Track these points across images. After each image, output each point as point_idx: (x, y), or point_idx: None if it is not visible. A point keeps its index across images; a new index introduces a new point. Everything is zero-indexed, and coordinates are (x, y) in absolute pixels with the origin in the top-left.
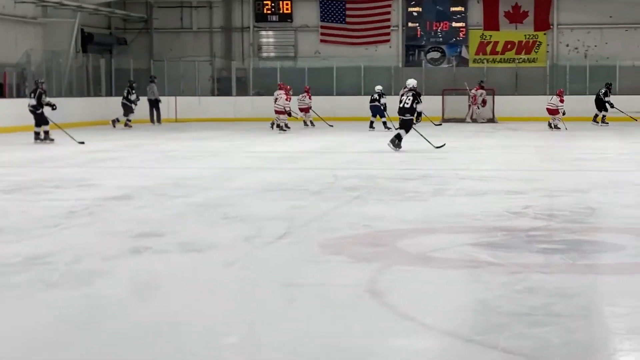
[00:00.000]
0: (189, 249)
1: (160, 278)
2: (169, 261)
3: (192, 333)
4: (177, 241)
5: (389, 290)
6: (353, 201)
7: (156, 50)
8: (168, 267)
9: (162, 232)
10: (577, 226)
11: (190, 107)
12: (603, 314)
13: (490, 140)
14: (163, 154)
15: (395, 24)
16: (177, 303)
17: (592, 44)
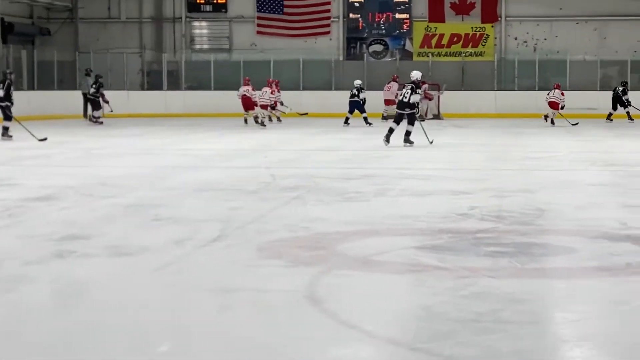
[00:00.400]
0: (118, 252)
1: (86, 284)
2: (95, 266)
3: (121, 342)
4: (104, 244)
5: (329, 296)
6: (291, 202)
7: (82, 41)
8: (95, 272)
9: (89, 234)
10: (526, 228)
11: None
12: (553, 320)
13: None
14: (89, 152)
15: (335, 15)
16: (104, 310)
17: (541, 37)
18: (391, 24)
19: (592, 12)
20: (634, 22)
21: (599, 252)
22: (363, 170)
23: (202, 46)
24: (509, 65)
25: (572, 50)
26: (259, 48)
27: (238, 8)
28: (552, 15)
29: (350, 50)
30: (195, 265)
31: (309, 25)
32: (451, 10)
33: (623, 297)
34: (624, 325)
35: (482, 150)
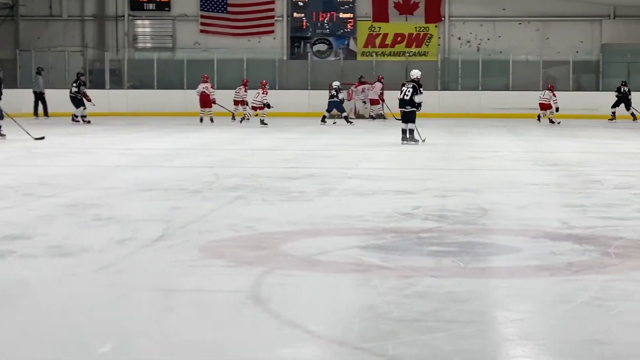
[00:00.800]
0: (58, 252)
1: (27, 284)
2: (36, 266)
3: (62, 344)
4: (44, 245)
5: (273, 296)
6: (235, 201)
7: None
8: (34, 273)
9: (28, 234)
10: (469, 228)
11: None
12: (496, 320)
13: (379, 137)
14: (29, 151)
15: (279, 14)
16: (45, 311)
17: (484, 37)
18: (335, 23)
19: (535, 12)
20: (576, 23)
21: (541, 251)
22: (307, 170)
23: (145, 45)
24: (453, 65)
25: (515, 51)
26: (203, 47)
27: (181, 7)
28: (495, 15)
29: (294, 50)
30: (137, 265)
31: (253, 24)
32: (395, 10)
33: (565, 296)
34: (566, 324)
35: (425, 150)
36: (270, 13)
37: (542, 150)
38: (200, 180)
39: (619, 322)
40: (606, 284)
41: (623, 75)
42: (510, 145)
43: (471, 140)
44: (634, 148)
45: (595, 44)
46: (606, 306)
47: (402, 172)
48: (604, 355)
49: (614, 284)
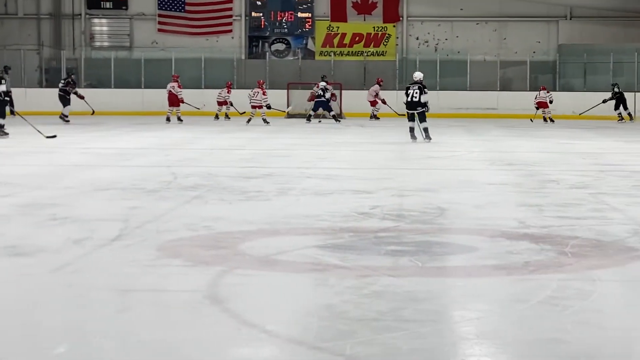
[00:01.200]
0: (14, 252)
1: None
2: None
3: (16, 344)
4: (0, 244)
5: (231, 295)
6: (192, 201)
7: None
8: None
9: None
10: (427, 227)
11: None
12: (453, 319)
13: (337, 136)
14: None
15: (237, 13)
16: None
17: (442, 37)
18: (293, 23)
19: (492, 13)
20: (533, 23)
21: (498, 250)
22: (265, 170)
23: (102, 43)
24: (411, 65)
25: (473, 51)
26: (160, 46)
27: (139, 5)
28: (452, 15)
29: (252, 49)
30: (94, 265)
31: (211, 23)
32: (353, 9)
33: (521, 295)
34: (522, 323)
35: (383, 150)
36: (228, 12)
37: (500, 150)
38: (158, 180)
39: (575, 321)
40: (562, 283)
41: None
42: (468, 145)
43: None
44: (590, 148)
45: (552, 45)
46: (562, 305)
47: (360, 172)
48: (560, 354)
49: (570, 283)
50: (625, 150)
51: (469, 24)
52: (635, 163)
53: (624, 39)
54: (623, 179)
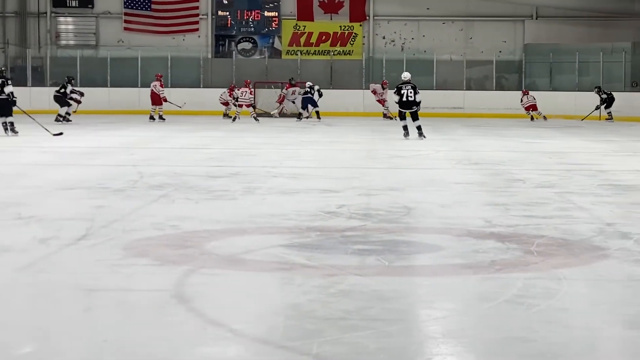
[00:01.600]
0: None
1: None
2: None
3: None
4: None
5: (197, 294)
6: (159, 200)
7: None
8: None
9: None
10: (393, 226)
11: None
12: (419, 318)
13: (304, 136)
14: None
15: (204, 12)
16: None
17: (409, 36)
18: (260, 22)
19: (459, 12)
20: (499, 23)
21: (464, 249)
22: (231, 169)
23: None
24: (377, 64)
25: (439, 50)
26: (126, 44)
27: (105, 4)
28: (419, 15)
29: (219, 48)
30: (60, 264)
31: (177, 22)
32: (320, 8)
33: (488, 294)
34: (488, 322)
35: (350, 149)
36: (194, 11)
37: (466, 149)
38: (124, 179)
39: (541, 320)
40: (528, 282)
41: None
42: (434, 144)
43: (395, 140)
44: (556, 147)
45: (517, 44)
46: (528, 304)
47: (327, 171)
48: (526, 352)
49: (536, 282)
50: (591, 149)
51: (436, 23)
52: (601, 162)
53: (589, 39)
54: (589, 178)
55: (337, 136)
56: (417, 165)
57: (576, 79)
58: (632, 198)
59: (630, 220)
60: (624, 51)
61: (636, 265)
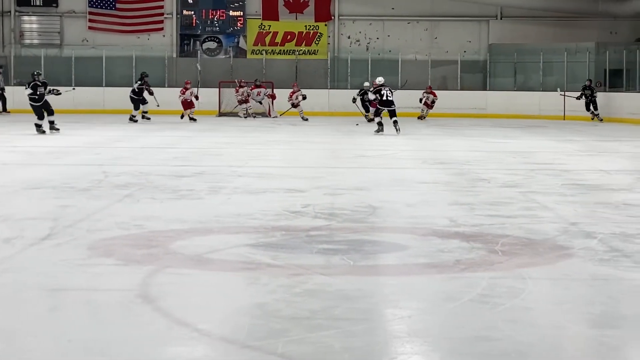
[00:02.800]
0: None
1: None
2: None
3: None
4: None
5: (163, 294)
6: (124, 199)
7: None
8: None
9: None
10: (358, 226)
11: None
12: (385, 317)
13: (269, 135)
14: None
15: (169, 11)
16: None
17: (374, 36)
18: (225, 21)
19: (424, 12)
20: (464, 23)
21: (429, 249)
22: (196, 168)
23: (32, 41)
24: (342, 64)
25: (404, 50)
26: (91, 44)
27: (69, 3)
28: (384, 15)
29: (184, 47)
30: (24, 264)
31: (142, 21)
32: (285, 8)
33: (452, 293)
34: (453, 321)
35: (315, 149)
36: (159, 10)
37: (431, 149)
38: (89, 179)
39: (506, 319)
40: (493, 282)
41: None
42: (399, 143)
43: (360, 139)
44: (520, 147)
45: (482, 44)
46: (493, 303)
47: (292, 171)
48: (491, 351)
49: (500, 281)
50: (555, 149)
51: (401, 23)
52: (565, 162)
53: (553, 39)
54: (553, 178)
55: (303, 136)
56: (382, 164)
57: (540, 78)
58: (596, 197)
59: (594, 220)
60: (588, 51)
61: (600, 265)
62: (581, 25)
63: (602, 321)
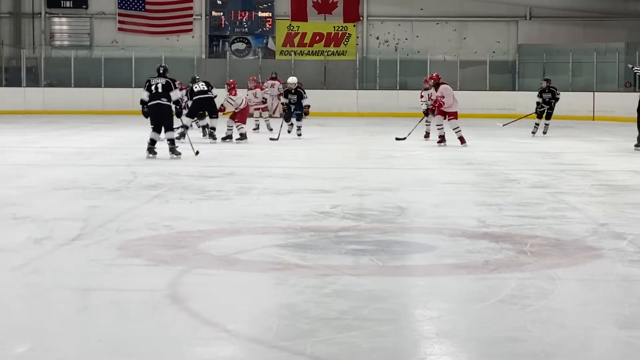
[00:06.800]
0: None
1: None
2: None
3: None
4: None
5: (191, 295)
6: (153, 200)
7: None
8: None
9: None
10: (387, 226)
11: None
12: (413, 318)
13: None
14: None
15: (198, 12)
16: None
17: (402, 37)
18: (254, 22)
19: (452, 13)
20: (493, 23)
21: (458, 249)
22: (224, 169)
23: (62, 42)
24: (371, 65)
25: (432, 50)
26: (120, 45)
27: (99, 4)
28: (413, 15)
29: (212, 48)
30: (55, 264)
31: (171, 22)
32: (313, 9)
33: (481, 293)
34: (482, 321)
35: (343, 149)
36: (188, 11)
37: (459, 149)
38: (118, 179)
39: (534, 320)
40: (522, 282)
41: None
42: (427, 144)
43: (388, 140)
44: (549, 147)
45: (511, 44)
46: (522, 304)
47: (320, 171)
48: (519, 352)
49: (529, 282)
50: (584, 149)
51: (429, 23)
52: (594, 162)
53: (582, 39)
54: (582, 178)
55: (331, 136)
56: (410, 165)
57: (569, 79)
58: (626, 198)
59: (623, 220)
60: (618, 51)
61: (629, 266)
62: (611, 25)
63: (631, 322)
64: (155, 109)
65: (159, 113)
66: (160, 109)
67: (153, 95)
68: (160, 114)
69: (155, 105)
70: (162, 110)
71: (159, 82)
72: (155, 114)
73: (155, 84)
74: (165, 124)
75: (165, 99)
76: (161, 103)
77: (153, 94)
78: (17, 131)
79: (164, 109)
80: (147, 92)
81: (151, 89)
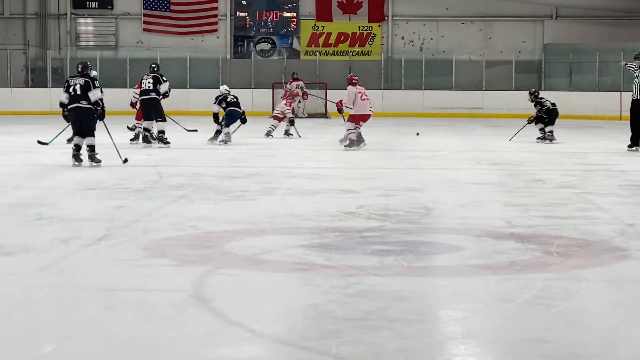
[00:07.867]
0: (1, 252)
1: None
2: None
3: (4, 343)
4: None
5: (216, 295)
6: (178, 200)
7: None
8: None
9: None
10: (413, 227)
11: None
12: (439, 318)
13: (323, 136)
14: None
15: (223, 13)
16: None
17: (427, 37)
18: (278, 22)
19: (478, 12)
20: (519, 23)
21: (483, 250)
22: (249, 169)
23: (87, 43)
24: (396, 65)
25: (458, 50)
26: (146, 45)
27: (124, 5)
28: (438, 15)
29: (237, 49)
30: (80, 264)
31: (196, 23)
32: (338, 9)
33: (507, 294)
34: (508, 322)
35: (368, 149)
36: (213, 12)
37: (485, 150)
38: (143, 180)
39: (561, 321)
40: (548, 283)
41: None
42: (453, 144)
43: (414, 140)
44: (575, 148)
45: (537, 44)
46: (548, 305)
47: (345, 172)
48: (545, 353)
49: (555, 283)
50: (610, 149)
51: (455, 23)
52: (621, 163)
53: (609, 39)
54: (609, 179)
55: None
56: (435, 165)
57: (596, 79)
58: None
59: None
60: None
61: None
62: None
63: None
64: (74, 112)
65: (79, 116)
66: (79, 112)
67: (72, 97)
68: (80, 117)
69: (75, 108)
70: (81, 114)
71: (77, 82)
72: (74, 118)
73: (74, 85)
74: (86, 128)
75: (84, 101)
76: (80, 106)
77: (72, 95)
78: (42, 132)
79: (83, 112)
80: (66, 94)
81: (69, 91)
